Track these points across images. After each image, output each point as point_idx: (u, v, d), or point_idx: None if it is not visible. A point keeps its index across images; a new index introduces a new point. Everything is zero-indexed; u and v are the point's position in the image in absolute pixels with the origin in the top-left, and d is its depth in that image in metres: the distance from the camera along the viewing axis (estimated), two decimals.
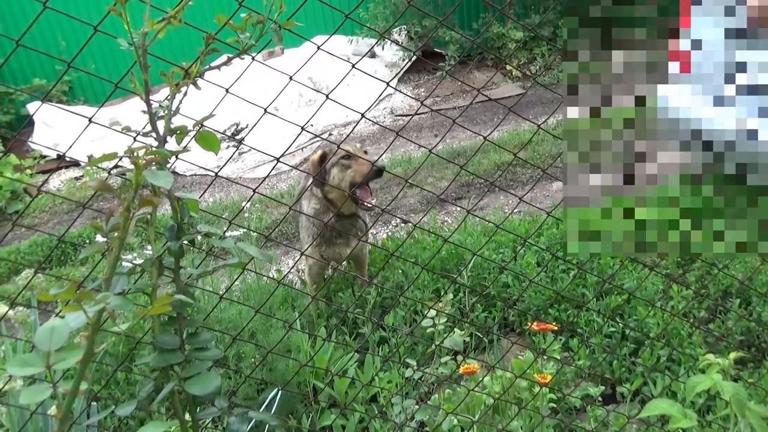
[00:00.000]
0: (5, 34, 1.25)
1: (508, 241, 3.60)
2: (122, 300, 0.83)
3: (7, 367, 0.75)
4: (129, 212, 0.78)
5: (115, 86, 1.32)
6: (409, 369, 2.18)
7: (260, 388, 2.66)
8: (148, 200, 0.81)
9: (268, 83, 5.40)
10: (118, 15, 1.15)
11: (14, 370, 0.75)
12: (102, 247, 0.85)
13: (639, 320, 2.78)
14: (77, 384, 0.76)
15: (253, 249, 1.24)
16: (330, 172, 2.87)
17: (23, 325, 2.41)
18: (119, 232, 0.78)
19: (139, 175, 0.79)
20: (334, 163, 2.86)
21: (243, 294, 3.18)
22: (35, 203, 6.08)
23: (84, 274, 4.41)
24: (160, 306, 0.83)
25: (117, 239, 0.78)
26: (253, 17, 1.32)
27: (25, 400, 0.71)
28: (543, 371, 2.19)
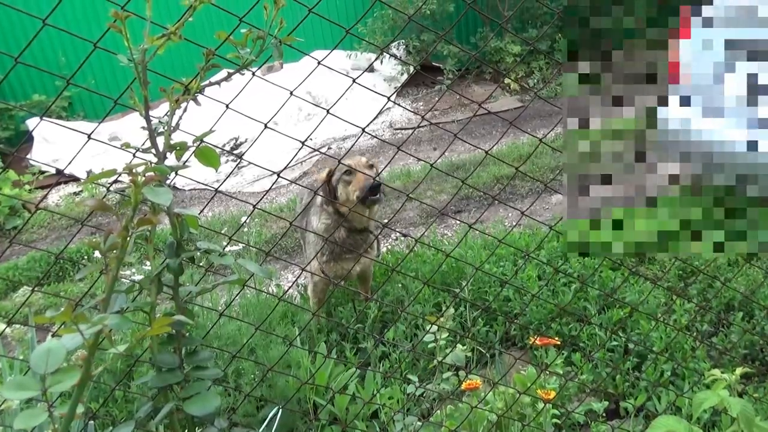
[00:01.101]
0: (5, 52, 1.25)
1: (508, 254, 3.59)
2: (120, 319, 0.81)
3: (2, 390, 0.73)
4: (127, 231, 0.77)
5: (114, 102, 1.31)
6: (411, 385, 2.15)
7: (259, 405, 2.62)
8: (147, 220, 0.80)
9: (267, 98, 5.41)
10: (118, 31, 1.15)
11: (9, 393, 0.73)
12: (101, 265, 0.83)
13: (642, 334, 2.76)
14: (74, 407, 0.74)
15: (253, 265, 1.23)
16: (336, 189, 2.89)
17: (20, 343, 2.38)
18: (117, 252, 0.77)
19: (138, 193, 0.78)
20: (338, 179, 2.88)
21: (242, 309, 3.15)
22: (34, 219, 6.06)
23: (82, 290, 4.38)
24: (160, 327, 0.81)
25: (115, 259, 0.77)
26: (253, 33, 1.32)
27: (20, 425, 0.69)
28: (546, 386, 2.16)
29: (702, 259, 3.30)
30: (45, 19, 1.18)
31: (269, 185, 6.57)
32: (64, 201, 6.57)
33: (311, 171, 6.67)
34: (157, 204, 1.08)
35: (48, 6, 7.81)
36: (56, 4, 1.19)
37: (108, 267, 0.79)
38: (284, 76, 8.22)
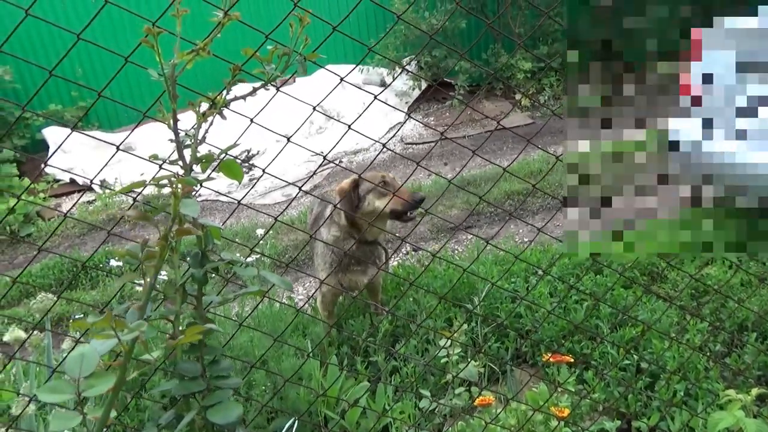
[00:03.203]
0: (39, 65, 1.28)
1: (519, 270, 3.59)
2: (152, 328, 0.83)
3: (37, 393, 0.75)
4: (166, 240, 0.79)
5: (143, 115, 1.35)
6: (425, 399, 2.15)
7: (270, 417, 2.63)
8: (186, 230, 0.82)
9: (279, 110, 5.47)
10: (150, 47, 1.18)
11: (44, 396, 0.75)
12: (134, 275, 0.85)
13: (654, 353, 2.74)
14: (107, 411, 0.76)
15: (274, 277, 1.25)
16: (365, 198, 2.87)
17: (36, 349, 2.40)
18: (155, 261, 0.79)
19: (178, 203, 0.80)
20: (370, 189, 2.87)
21: (254, 320, 3.17)
22: (47, 227, 6.12)
23: (94, 298, 4.42)
24: (192, 334, 0.83)
25: (152, 268, 0.79)
26: (279, 49, 1.36)
27: (54, 427, 0.71)
28: (558, 404, 2.16)
29: (715, 279, 3.29)
30: (79, 34, 1.22)
31: (280, 198, 6.62)
32: (78, 210, 6.64)
33: (322, 184, 6.71)
34: (185, 215, 1.11)
35: (67, 16, 7.97)
36: (90, 19, 1.23)
37: (144, 275, 0.81)
38: (297, 90, 8.30)
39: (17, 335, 2.23)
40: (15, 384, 2.65)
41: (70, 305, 4.19)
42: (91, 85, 8.12)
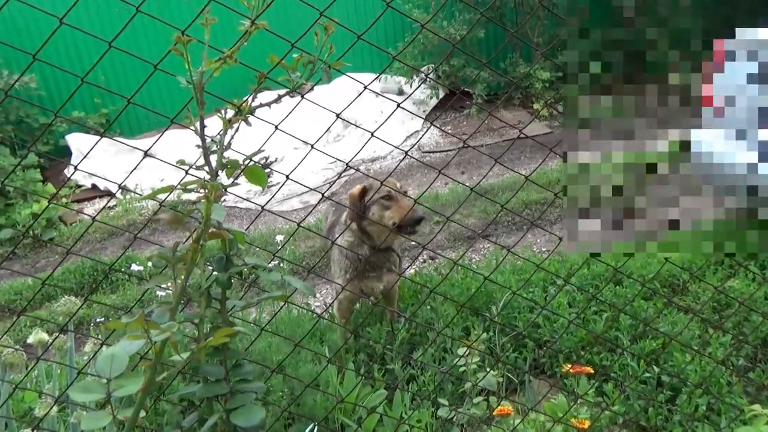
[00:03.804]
0: (71, 71, 1.32)
1: (537, 280, 3.57)
2: (179, 330, 0.84)
3: (70, 392, 0.76)
4: (198, 243, 0.80)
5: (170, 121, 1.37)
6: (443, 408, 2.14)
7: (287, 423, 2.63)
8: (217, 233, 0.83)
9: (298, 118, 5.51)
10: (180, 55, 1.20)
11: (77, 396, 0.77)
12: (166, 276, 0.87)
13: (676, 366, 2.70)
14: (137, 412, 0.77)
15: (298, 282, 1.26)
16: (369, 209, 2.89)
17: (59, 351, 2.44)
18: (187, 264, 0.80)
19: (210, 208, 0.82)
20: (374, 200, 2.88)
21: (272, 326, 3.18)
22: (69, 231, 6.22)
23: (114, 302, 4.48)
24: (220, 337, 0.84)
25: (184, 270, 0.80)
26: (304, 57, 1.37)
27: (86, 426, 0.73)
28: (577, 416, 2.13)
29: (738, 292, 3.24)
30: (111, 42, 1.25)
31: (298, 205, 6.66)
32: (99, 215, 6.74)
33: (339, 192, 6.74)
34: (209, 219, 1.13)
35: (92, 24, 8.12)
36: (122, 28, 1.25)
37: (176, 277, 0.82)
38: (315, 98, 8.34)
39: (41, 337, 2.27)
40: (37, 385, 2.69)
41: (91, 308, 4.25)
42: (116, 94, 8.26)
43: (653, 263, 3.70)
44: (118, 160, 7.65)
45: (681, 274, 3.57)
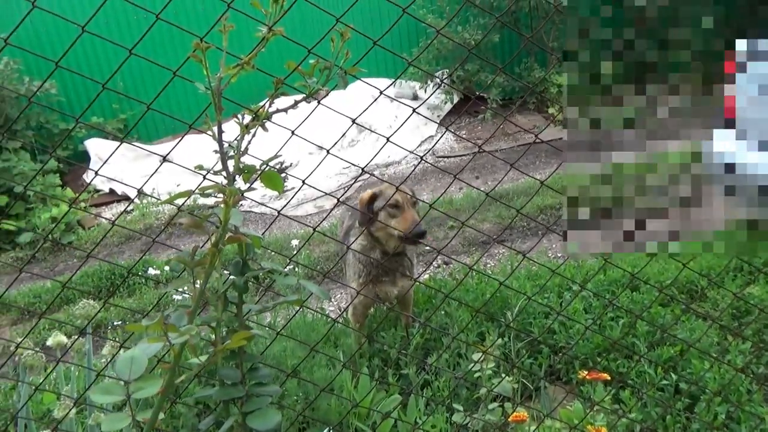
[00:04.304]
0: (93, 78, 1.34)
1: (553, 285, 3.54)
2: (198, 333, 0.85)
3: (90, 394, 0.78)
4: (217, 247, 0.81)
5: (189, 126, 1.39)
6: (459, 414, 2.14)
7: (301, 427, 2.64)
8: (236, 238, 0.84)
9: (313, 123, 5.55)
10: (198, 61, 1.22)
11: (97, 397, 0.78)
12: (185, 280, 0.88)
13: (694, 374, 2.67)
14: (156, 414, 0.78)
15: (313, 286, 1.27)
16: (377, 215, 2.91)
17: (77, 353, 2.48)
18: (205, 267, 0.81)
19: (228, 212, 0.83)
20: (381, 207, 2.89)
21: (287, 330, 3.19)
22: (87, 235, 6.31)
23: (131, 306, 4.52)
24: (239, 340, 0.85)
25: (203, 273, 0.81)
26: (320, 63, 1.38)
27: (106, 427, 0.74)
28: (593, 423, 2.11)
29: (758, 299, 3.19)
30: (132, 49, 1.27)
31: (312, 209, 6.69)
32: (117, 220, 6.83)
33: (353, 196, 6.76)
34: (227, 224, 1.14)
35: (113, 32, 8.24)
36: (142, 35, 1.28)
37: (195, 280, 0.83)
38: (329, 103, 8.40)
39: (59, 340, 2.29)
40: (56, 387, 2.73)
41: (108, 312, 4.30)
42: (133, 100, 8.39)
43: (671, 269, 3.65)
44: (136, 165, 7.75)
45: (699, 281, 3.53)
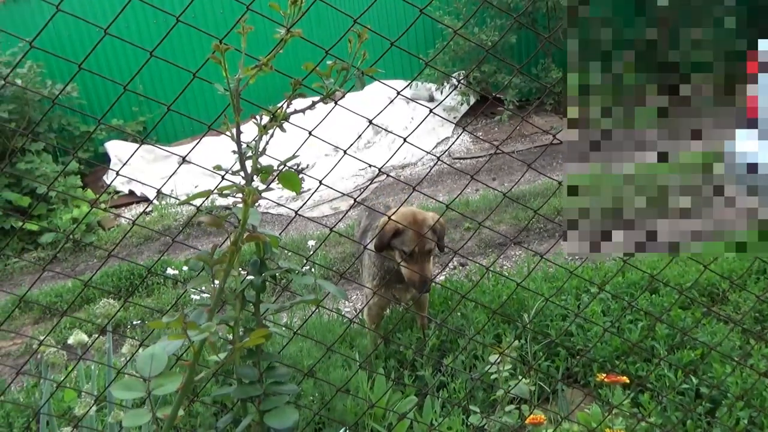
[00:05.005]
0: (116, 80, 1.36)
1: (570, 287, 3.51)
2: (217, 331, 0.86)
3: (112, 390, 0.79)
4: (236, 246, 0.82)
5: (208, 127, 1.40)
6: (476, 415, 2.13)
7: (317, 427, 2.65)
8: (255, 236, 0.85)
9: (329, 124, 5.58)
10: (218, 62, 1.23)
11: (118, 393, 0.79)
12: (205, 279, 0.89)
13: (715, 378, 2.62)
14: (176, 410, 0.79)
15: (331, 286, 1.27)
16: (393, 249, 2.83)
17: (97, 352, 2.51)
18: (225, 266, 0.82)
19: (248, 211, 0.84)
20: (398, 247, 2.81)
21: (303, 330, 3.21)
22: (107, 236, 6.40)
23: (149, 305, 4.58)
24: (257, 338, 0.86)
25: (223, 271, 0.82)
26: (337, 64, 1.39)
27: (127, 423, 0.75)
28: (612, 426, 2.09)
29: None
30: (152, 51, 1.29)
31: (328, 211, 6.71)
32: (137, 220, 6.92)
33: (369, 198, 6.77)
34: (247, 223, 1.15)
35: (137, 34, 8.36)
36: (162, 38, 1.29)
37: (214, 278, 0.84)
38: (345, 104, 8.44)
39: (80, 338, 2.33)
40: (76, 385, 2.77)
41: (127, 311, 4.36)
42: (152, 102, 8.52)
43: (691, 271, 3.60)
44: (155, 166, 7.84)
45: (720, 283, 3.47)
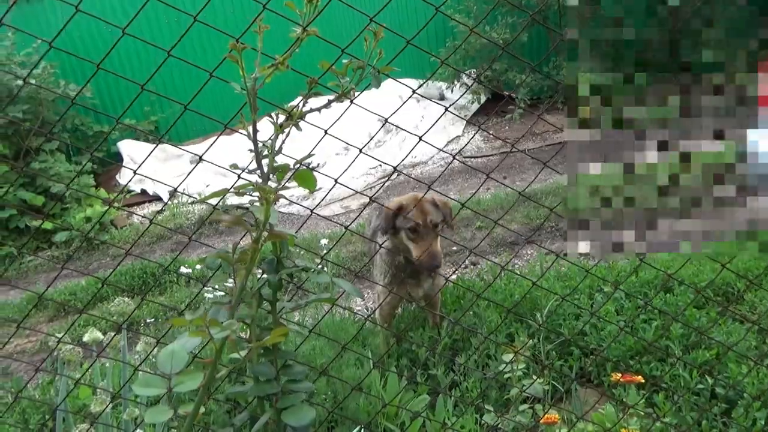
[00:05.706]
0: (133, 80, 1.37)
1: (583, 287, 3.49)
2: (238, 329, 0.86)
3: (133, 387, 0.79)
4: (258, 244, 0.82)
5: (224, 126, 1.41)
6: (490, 414, 2.12)
7: (329, 426, 2.65)
8: (276, 235, 0.85)
9: (339, 123, 5.57)
10: (235, 61, 1.24)
11: (139, 390, 0.80)
12: (224, 277, 0.90)
13: (731, 378, 2.60)
14: (197, 407, 0.80)
15: (346, 284, 1.27)
16: (399, 231, 2.83)
17: (112, 350, 2.53)
18: (246, 263, 0.83)
19: (269, 210, 0.84)
20: (403, 227, 2.80)
21: (316, 329, 3.22)
22: (120, 234, 6.45)
23: (163, 302, 4.61)
24: (277, 336, 0.86)
25: (245, 269, 0.83)
26: (353, 63, 1.39)
27: (149, 419, 0.75)
28: (626, 426, 2.08)
29: None
30: (170, 51, 1.30)
31: (339, 209, 6.72)
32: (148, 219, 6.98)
33: (380, 196, 6.78)
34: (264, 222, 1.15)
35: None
36: (180, 36, 1.30)
37: (236, 276, 0.85)
38: (359, 103, 8.44)
39: (95, 336, 2.34)
40: (92, 382, 2.79)
41: (141, 309, 4.39)
42: (165, 100, 8.57)
43: (706, 270, 3.57)
44: (167, 165, 7.89)
45: (736, 282, 3.43)
